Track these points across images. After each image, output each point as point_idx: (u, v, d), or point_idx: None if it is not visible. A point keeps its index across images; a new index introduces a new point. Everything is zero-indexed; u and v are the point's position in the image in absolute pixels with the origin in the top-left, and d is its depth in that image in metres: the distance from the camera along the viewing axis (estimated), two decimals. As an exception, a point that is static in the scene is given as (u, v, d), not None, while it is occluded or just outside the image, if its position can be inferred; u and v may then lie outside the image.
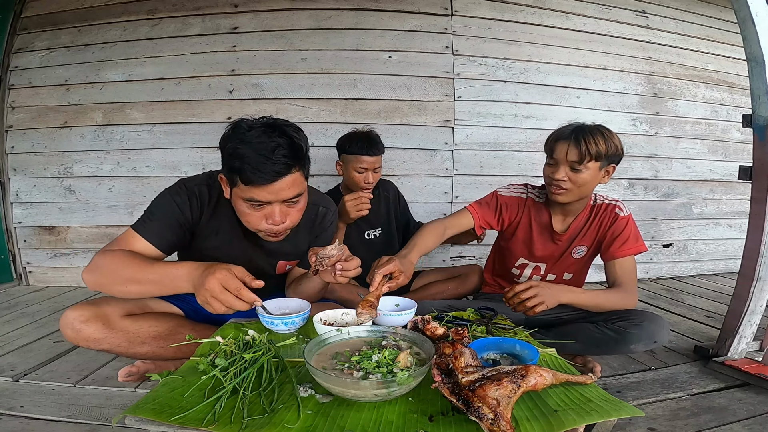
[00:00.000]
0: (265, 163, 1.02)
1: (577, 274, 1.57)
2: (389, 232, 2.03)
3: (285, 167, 1.05)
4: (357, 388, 0.76)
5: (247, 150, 1.03)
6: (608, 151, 1.31)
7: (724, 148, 2.99)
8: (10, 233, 2.66)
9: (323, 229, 1.41)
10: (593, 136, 1.30)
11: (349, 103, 2.58)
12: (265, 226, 1.13)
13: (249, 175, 1.03)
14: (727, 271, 3.03)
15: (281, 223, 1.12)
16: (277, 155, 1.03)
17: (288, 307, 1.22)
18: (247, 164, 1.02)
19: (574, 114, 2.72)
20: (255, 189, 1.05)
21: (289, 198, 1.11)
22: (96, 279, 1.09)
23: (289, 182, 1.07)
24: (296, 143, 1.09)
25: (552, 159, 1.38)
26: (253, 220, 1.12)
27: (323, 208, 1.40)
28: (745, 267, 1.45)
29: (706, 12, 2.98)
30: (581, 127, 1.34)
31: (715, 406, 1.22)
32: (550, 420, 0.71)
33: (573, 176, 1.33)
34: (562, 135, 1.35)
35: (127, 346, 1.19)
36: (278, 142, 1.04)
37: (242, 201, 1.10)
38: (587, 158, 1.30)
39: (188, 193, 1.20)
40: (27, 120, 2.60)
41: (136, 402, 0.76)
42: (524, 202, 1.54)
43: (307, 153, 1.15)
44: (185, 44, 2.55)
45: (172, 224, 1.18)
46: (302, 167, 1.12)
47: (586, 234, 1.48)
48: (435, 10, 2.62)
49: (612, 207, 1.46)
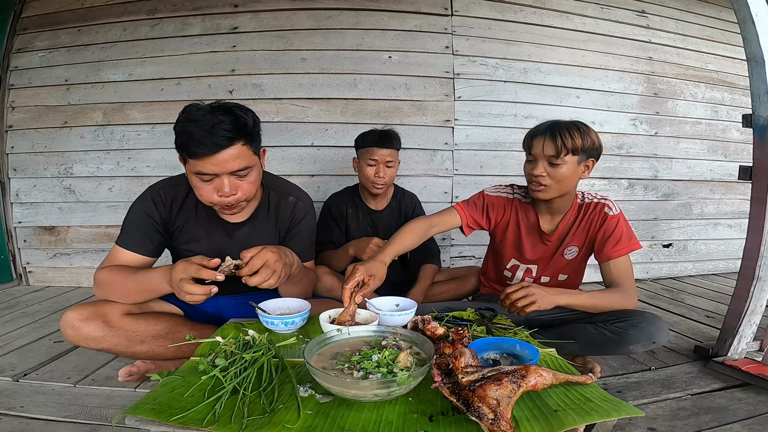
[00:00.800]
0: (207, 136, 1.08)
1: (572, 276, 1.56)
2: None
3: (226, 140, 1.10)
4: (357, 388, 0.76)
5: (192, 126, 1.10)
6: (584, 145, 1.32)
7: (724, 148, 2.99)
8: (10, 233, 2.66)
9: (296, 222, 1.41)
10: (569, 130, 1.32)
11: (349, 103, 2.58)
12: (217, 198, 1.17)
13: (193, 148, 1.10)
14: (727, 271, 3.03)
15: (231, 195, 1.17)
16: (218, 129, 1.09)
17: (288, 307, 1.22)
18: (191, 139, 1.09)
19: (574, 114, 2.71)
20: (200, 161, 1.11)
21: (236, 170, 1.15)
22: (103, 294, 1.23)
23: (233, 154, 1.12)
24: (240, 120, 1.13)
25: (530, 155, 1.38)
26: (204, 193, 1.17)
27: (293, 198, 1.41)
28: (745, 267, 1.45)
29: (706, 12, 2.98)
30: (557, 122, 1.36)
31: (715, 406, 1.22)
32: (550, 420, 0.71)
33: (551, 171, 1.33)
34: (538, 131, 1.36)
35: (126, 345, 1.20)
36: (220, 119, 1.10)
37: (193, 176, 1.16)
38: (564, 152, 1.30)
39: (152, 198, 1.29)
40: (27, 120, 2.60)
41: (136, 402, 0.76)
42: (511, 203, 1.53)
43: (256, 130, 1.19)
44: (185, 44, 2.55)
45: (147, 230, 1.27)
46: (248, 142, 1.16)
47: (575, 234, 1.47)
48: (435, 10, 2.62)
49: (601, 206, 1.44)
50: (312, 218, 1.47)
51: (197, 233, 1.33)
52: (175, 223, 1.31)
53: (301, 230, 1.42)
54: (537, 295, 1.21)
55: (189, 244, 1.33)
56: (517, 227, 1.52)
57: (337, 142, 2.57)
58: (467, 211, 1.51)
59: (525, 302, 1.20)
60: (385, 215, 1.96)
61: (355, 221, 1.93)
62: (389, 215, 1.97)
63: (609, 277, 1.40)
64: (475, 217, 1.52)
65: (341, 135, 2.57)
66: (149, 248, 1.29)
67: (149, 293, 1.21)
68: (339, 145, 2.57)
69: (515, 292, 1.22)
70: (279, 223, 1.40)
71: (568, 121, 1.37)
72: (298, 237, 1.41)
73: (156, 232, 1.29)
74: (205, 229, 1.33)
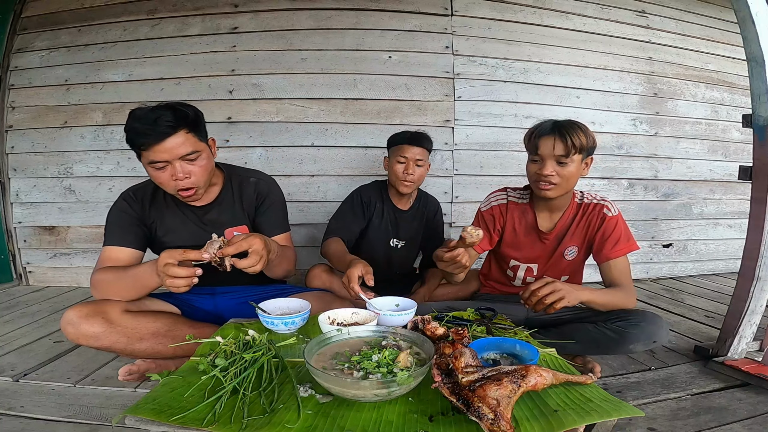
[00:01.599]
0: (150, 127, 1.18)
1: (572, 276, 1.57)
2: (410, 248, 2.03)
3: (170, 128, 1.19)
4: (357, 388, 0.76)
5: (136, 123, 1.20)
6: (588, 143, 1.35)
7: (724, 148, 2.99)
8: (10, 233, 2.66)
9: (262, 198, 1.49)
10: (574, 129, 1.33)
11: (349, 103, 2.57)
12: (173, 183, 1.25)
13: (141, 140, 1.20)
14: (727, 271, 3.02)
15: (186, 178, 1.25)
16: (160, 121, 1.18)
17: (288, 307, 1.22)
18: (137, 133, 1.19)
19: (574, 114, 2.71)
20: (150, 151, 1.20)
21: (184, 155, 1.23)
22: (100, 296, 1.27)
23: (178, 141, 1.21)
24: (179, 111, 1.22)
25: (537, 156, 1.38)
26: (163, 181, 1.26)
27: (254, 178, 1.50)
28: (745, 267, 1.45)
29: (706, 12, 2.98)
30: (558, 122, 1.37)
31: (715, 406, 1.22)
32: (550, 420, 0.71)
33: (560, 170, 1.35)
34: (544, 131, 1.36)
35: (126, 343, 1.21)
36: (162, 113, 1.20)
37: (149, 167, 1.25)
38: (573, 151, 1.32)
39: (123, 198, 1.40)
40: (27, 120, 2.60)
41: (136, 402, 0.76)
42: (505, 207, 1.55)
43: (197, 120, 1.28)
44: (185, 44, 2.55)
45: (127, 225, 1.35)
46: (192, 130, 1.24)
47: (574, 233, 1.48)
48: (435, 10, 2.62)
49: (600, 207, 1.45)
50: (277, 192, 1.54)
51: (172, 224, 1.41)
52: (150, 216, 1.40)
53: (269, 205, 1.49)
54: (564, 291, 1.19)
55: (167, 235, 1.41)
56: (513, 229, 1.54)
57: (337, 142, 2.57)
58: None
59: (554, 298, 1.17)
60: (408, 216, 1.97)
61: (380, 217, 1.93)
62: (412, 217, 1.98)
63: (609, 277, 1.41)
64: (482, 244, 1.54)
65: (341, 135, 2.57)
66: (133, 240, 1.35)
67: (141, 288, 1.24)
68: (339, 145, 2.57)
69: (541, 289, 1.19)
70: (245, 205, 1.47)
71: (568, 120, 1.38)
72: (268, 211, 1.49)
73: (135, 225, 1.36)
74: (178, 219, 1.41)
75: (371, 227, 1.93)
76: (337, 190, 2.57)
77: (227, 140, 2.54)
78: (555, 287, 1.19)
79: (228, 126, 2.55)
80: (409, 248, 2.01)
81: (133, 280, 1.22)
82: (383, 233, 1.94)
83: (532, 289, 1.20)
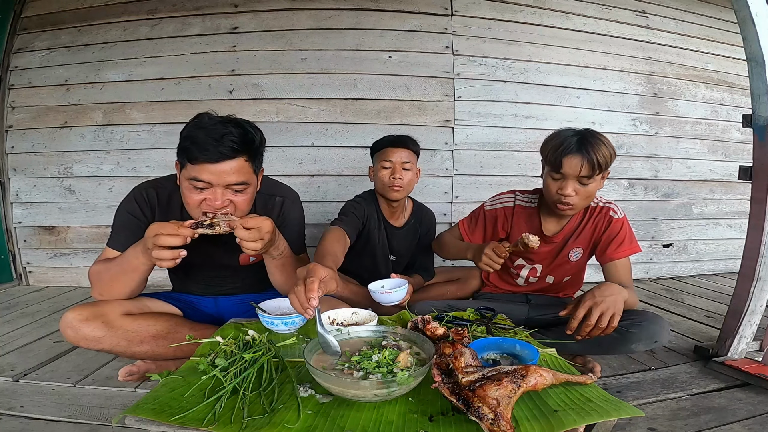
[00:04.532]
0: (213, 144, 1.07)
1: (574, 277, 1.58)
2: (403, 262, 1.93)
3: (231, 150, 1.09)
4: (357, 388, 0.76)
5: (200, 133, 1.09)
6: (611, 159, 1.31)
7: (724, 148, 2.99)
8: (10, 233, 2.66)
9: (283, 219, 1.40)
10: (598, 146, 1.27)
11: (349, 103, 2.57)
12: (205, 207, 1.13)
13: (195, 153, 1.08)
14: (727, 271, 3.02)
15: (223, 207, 1.13)
16: (225, 139, 1.08)
17: (288, 307, 1.22)
18: (195, 144, 1.08)
19: (574, 114, 2.72)
20: (199, 167, 1.09)
21: (233, 183, 1.12)
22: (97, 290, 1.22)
23: (233, 167, 1.11)
24: (248, 135, 1.13)
25: (559, 174, 1.32)
26: (192, 201, 1.14)
27: (279, 198, 1.41)
28: (745, 267, 1.45)
29: (706, 12, 2.98)
30: (583, 138, 1.30)
31: (715, 406, 1.22)
32: (550, 420, 0.71)
33: (581, 190, 1.31)
34: (569, 148, 1.28)
35: (126, 345, 1.19)
36: (230, 130, 1.10)
37: (186, 181, 1.13)
38: (597, 171, 1.28)
39: (136, 199, 1.28)
40: (27, 120, 2.60)
41: (136, 402, 0.76)
42: (512, 210, 1.55)
43: (260, 149, 1.19)
44: (185, 44, 2.55)
45: (134, 230, 1.24)
46: (251, 158, 1.15)
47: (580, 235, 1.49)
48: (435, 10, 2.62)
49: (606, 209, 1.46)
50: (299, 211, 1.46)
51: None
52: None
53: (288, 224, 1.41)
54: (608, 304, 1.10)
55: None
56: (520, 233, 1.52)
57: (337, 142, 2.57)
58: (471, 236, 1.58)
59: (607, 317, 1.09)
60: (402, 234, 1.85)
61: (375, 236, 1.80)
62: (406, 235, 1.86)
63: (614, 277, 1.40)
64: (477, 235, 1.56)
65: (341, 135, 2.57)
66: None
67: (131, 272, 1.16)
68: (339, 145, 2.57)
69: (590, 317, 1.09)
70: None
71: (591, 134, 1.31)
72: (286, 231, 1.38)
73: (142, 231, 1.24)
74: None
75: (369, 241, 1.81)
76: (337, 190, 2.57)
77: (227, 140, 2.54)
78: (602, 307, 1.09)
79: (228, 126, 2.54)
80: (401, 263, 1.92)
81: (121, 264, 1.15)
82: (380, 249, 1.83)
83: (579, 317, 1.10)
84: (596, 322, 1.09)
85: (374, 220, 1.79)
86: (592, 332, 1.13)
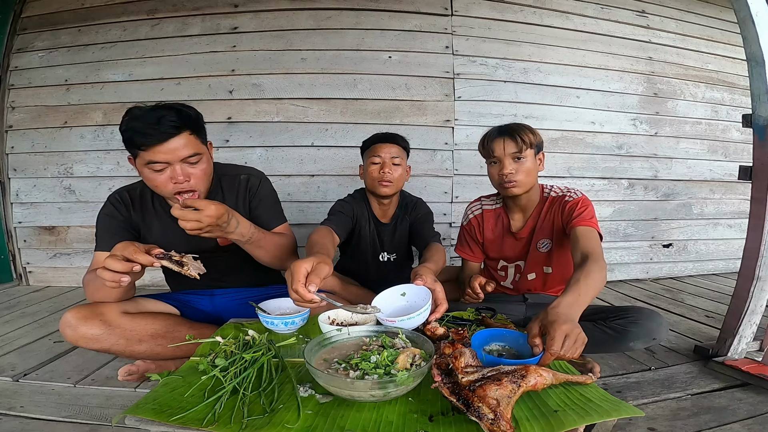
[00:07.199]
0: (154, 127, 1.13)
1: (557, 268, 1.53)
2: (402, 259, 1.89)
3: (173, 128, 1.15)
4: (353, 388, 0.76)
5: (137, 123, 1.14)
6: (536, 139, 1.45)
7: (724, 148, 2.99)
8: (10, 233, 2.66)
9: (254, 193, 1.44)
10: (520, 128, 1.44)
11: (349, 103, 2.58)
12: (171, 187, 1.20)
13: (141, 139, 1.14)
14: (727, 271, 3.03)
15: (185, 181, 1.20)
16: (164, 121, 1.14)
17: (288, 307, 1.22)
18: (137, 133, 1.14)
19: (574, 114, 2.72)
20: (150, 151, 1.15)
21: (186, 156, 1.18)
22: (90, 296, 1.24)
23: (181, 142, 1.17)
24: (183, 112, 1.19)
25: (494, 158, 1.47)
26: (159, 183, 1.20)
27: (244, 176, 1.45)
28: (745, 267, 1.45)
29: (706, 12, 2.98)
30: (504, 125, 1.48)
31: (715, 406, 1.22)
32: (550, 420, 0.71)
33: (518, 167, 1.43)
34: (492, 135, 1.47)
35: (125, 344, 1.20)
36: (164, 113, 1.15)
37: (145, 168, 1.19)
38: (524, 147, 1.41)
39: (111, 203, 1.35)
40: (27, 120, 2.60)
41: (136, 402, 0.76)
42: (481, 216, 1.63)
43: (200, 122, 1.25)
44: (185, 44, 2.55)
45: (114, 230, 1.31)
46: (194, 132, 1.21)
47: (542, 226, 1.51)
48: (435, 10, 2.62)
49: (563, 196, 1.48)
50: (267, 184, 1.49)
51: (160, 230, 1.37)
52: (137, 221, 1.37)
53: (260, 198, 1.44)
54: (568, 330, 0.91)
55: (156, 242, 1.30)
56: (492, 235, 1.61)
57: (337, 142, 2.57)
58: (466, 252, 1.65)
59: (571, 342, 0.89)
60: (389, 229, 1.83)
61: (367, 235, 1.80)
62: (392, 229, 1.83)
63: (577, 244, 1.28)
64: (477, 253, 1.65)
65: (341, 135, 2.58)
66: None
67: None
68: (339, 145, 2.57)
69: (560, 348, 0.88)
70: (239, 204, 1.42)
71: (513, 123, 1.48)
72: (261, 205, 1.44)
73: (123, 229, 1.33)
74: (166, 225, 1.36)
75: (361, 240, 1.81)
76: (337, 190, 2.57)
77: (227, 140, 2.54)
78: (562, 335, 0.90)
79: (228, 126, 2.55)
80: (401, 260, 1.89)
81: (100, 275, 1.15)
82: (371, 247, 1.82)
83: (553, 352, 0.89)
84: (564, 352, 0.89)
85: (364, 218, 1.81)
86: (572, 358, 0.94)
